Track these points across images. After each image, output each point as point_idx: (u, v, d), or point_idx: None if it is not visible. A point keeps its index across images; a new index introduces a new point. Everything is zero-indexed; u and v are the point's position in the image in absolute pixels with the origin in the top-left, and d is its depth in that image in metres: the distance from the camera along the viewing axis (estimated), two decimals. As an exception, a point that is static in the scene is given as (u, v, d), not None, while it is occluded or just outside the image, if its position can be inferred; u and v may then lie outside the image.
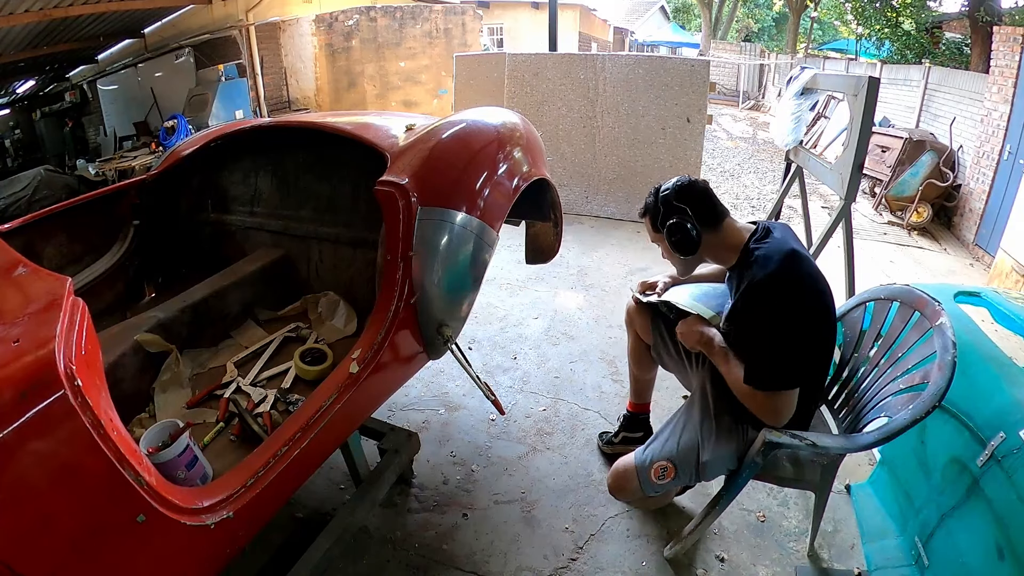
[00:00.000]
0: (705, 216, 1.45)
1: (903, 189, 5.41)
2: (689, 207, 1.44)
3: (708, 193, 1.47)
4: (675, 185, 1.48)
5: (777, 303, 1.33)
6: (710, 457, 1.46)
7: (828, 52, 16.91)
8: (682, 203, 1.45)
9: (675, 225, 1.44)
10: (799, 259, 1.35)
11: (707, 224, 1.45)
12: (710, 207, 1.46)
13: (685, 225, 1.43)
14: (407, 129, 1.74)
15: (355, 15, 8.86)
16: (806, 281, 1.35)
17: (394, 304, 1.41)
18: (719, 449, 1.46)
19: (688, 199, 1.45)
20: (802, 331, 1.34)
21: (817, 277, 1.37)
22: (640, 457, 1.55)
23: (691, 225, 1.43)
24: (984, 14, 7.45)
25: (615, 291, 3.44)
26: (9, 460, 0.79)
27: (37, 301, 1.05)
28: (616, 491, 1.63)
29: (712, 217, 1.46)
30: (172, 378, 1.56)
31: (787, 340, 1.33)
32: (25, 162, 8.70)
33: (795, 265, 1.34)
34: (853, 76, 2.62)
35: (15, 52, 6.71)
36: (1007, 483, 1.28)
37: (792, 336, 1.33)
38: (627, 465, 1.57)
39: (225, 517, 1.06)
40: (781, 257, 1.34)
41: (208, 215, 2.22)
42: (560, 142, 4.74)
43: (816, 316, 1.37)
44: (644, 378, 2.00)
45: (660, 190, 1.49)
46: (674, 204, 1.45)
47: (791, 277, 1.33)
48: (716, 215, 1.46)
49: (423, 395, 2.43)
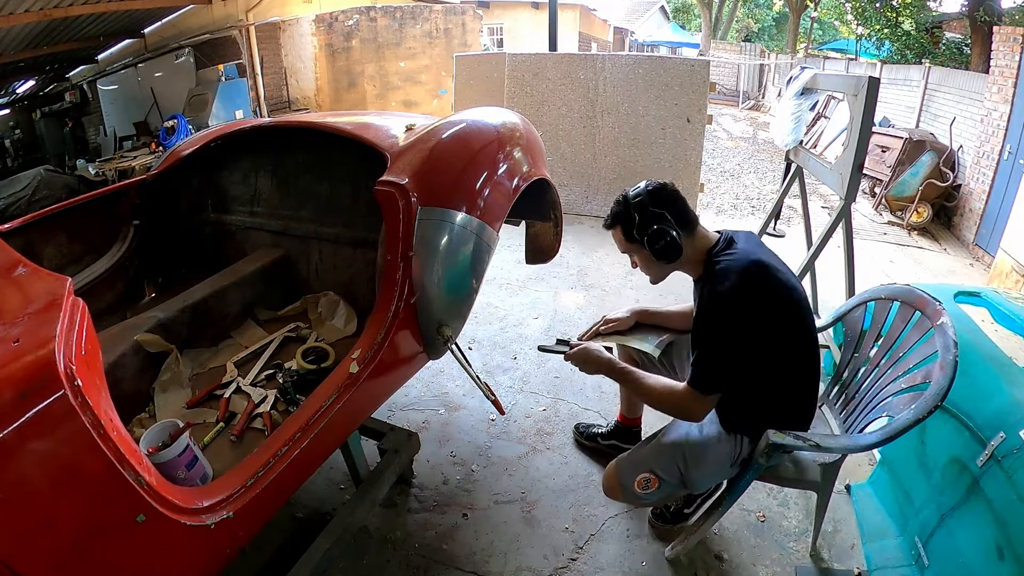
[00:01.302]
0: (681, 220, 1.41)
1: (903, 189, 5.41)
2: (667, 211, 1.40)
3: (681, 197, 1.44)
4: (647, 190, 1.42)
5: (729, 316, 1.30)
6: (698, 471, 1.45)
7: (828, 52, 16.90)
8: (659, 208, 1.40)
9: (658, 231, 1.38)
10: (760, 273, 1.32)
11: (684, 229, 1.41)
12: (685, 211, 1.42)
13: (668, 230, 1.38)
14: (407, 129, 1.74)
15: (355, 15, 8.86)
16: (764, 296, 1.31)
17: (394, 304, 1.41)
18: (708, 462, 1.45)
19: (664, 203, 1.41)
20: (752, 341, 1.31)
21: (780, 289, 1.33)
22: (622, 463, 1.55)
23: (673, 229, 1.39)
24: (984, 14, 7.45)
25: (615, 291, 3.44)
26: (9, 460, 0.79)
27: (37, 301, 1.06)
28: (608, 492, 1.62)
29: (687, 222, 1.42)
30: (172, 378, 1.56)
31: (730, 348, 1.31)
32: (25, 162, 8.69)
33: (754, 279, 1.31)
34: (853, 76, 2.62)
35: (15, 52, 6.71)
36: (1007, 483, 1.28)
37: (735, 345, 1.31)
38: (613, 470, 1.57)
39: (225, 517, 1.06)
40: (740, 270, 1.31)
41: (208, 215, 2.21)
42: (560, 142, 4.74)
43: (777, 327, 1.33)
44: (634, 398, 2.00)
45: (630, 197, 1.43)
46: (651, 210, 1.40)
47: (748, 291, 1.30)
48: (691, 220, 1.43)
49: (423, 395, 2.43)
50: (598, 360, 1.54)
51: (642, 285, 3.50)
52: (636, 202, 1.41)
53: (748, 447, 1.43)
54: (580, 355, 1.56)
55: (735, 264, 1.33)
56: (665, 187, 1.44)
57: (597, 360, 1.54)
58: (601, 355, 1.54)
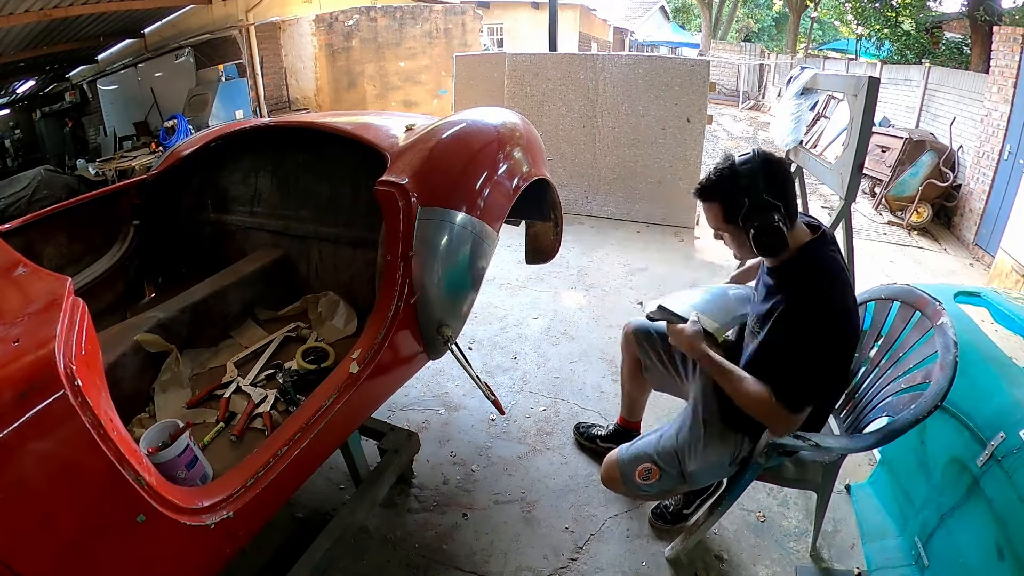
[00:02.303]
0: (791, 211, 1.26)
1: (903, 189, 5.41)
2: (782, 202, 1.23)
3: (794, 182, 1.29)
4: (764, 167, 1.24)
5: (833, 321, 1.24)
6: (697, 467, 1.45)
7: (828, 52, 16.90)
8: (775, 197, 1.23)
9: (769, 227, 1.22)
10: (848, 281, 1.29)
11: (791, 221, 1.27)
12: (794, 200, 1.27)
13: (779, 227, 1.22)
14: (407, 129, 1.74)
15: (355, 15, 8.86)
16: (854, 306, 1.29)
17: (394, 304, 1.41)
18: (708, 458, 1.44)
19: (783, 191, 1.24)
20: (841, 356, 1.29)
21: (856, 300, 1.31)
22: (624, 453, 1.54)
23: (785, 225, 1.23)
24: (984, 14, 7.45)
25: (615, 291, 3.44)
26: (9, 460, 0.79)
27: (37, 301, 1.05)
28: (606, 482, 1.61)
29: (794, 212, 1.28)
30: (172, 378, 1.56)
31: (827, 362, 1.27)
32: (25, 162, 8.69)
33: (849, 289, 1.28)
34: (853, 76, 2.62)
35: (15, 52, 6.71)
36: (1007, 483, 1.28)
37: (836, 357, 1.28)
38: (613, 458, 1.57)
39: (225, 517, 1.05)
40: (839, 277, 1.26)
41: (208, 215, 2.21)
42: (560, 142, 4.74)
43: (853, 341, 1.31)
44: (639, 398, 1.99)
45: (740, 174, 1.24)
46: (765, 198, 1.23)
47: (847, 302, 1.26)
48: (795, 209, 1.29)
49: (423, 395, 2.43)
50: (692, 347, 1.37)
51: (642, 285, 3.50)
52: (750, 184, 1.23)
53: (748, 446, 1.43)
54: (680, 333, 1.39)
55: (836, 265, 1.27)
56: (781, 168, 1.26)
57: (692, 347, 1.37)
58: (698, 343, 1.37)
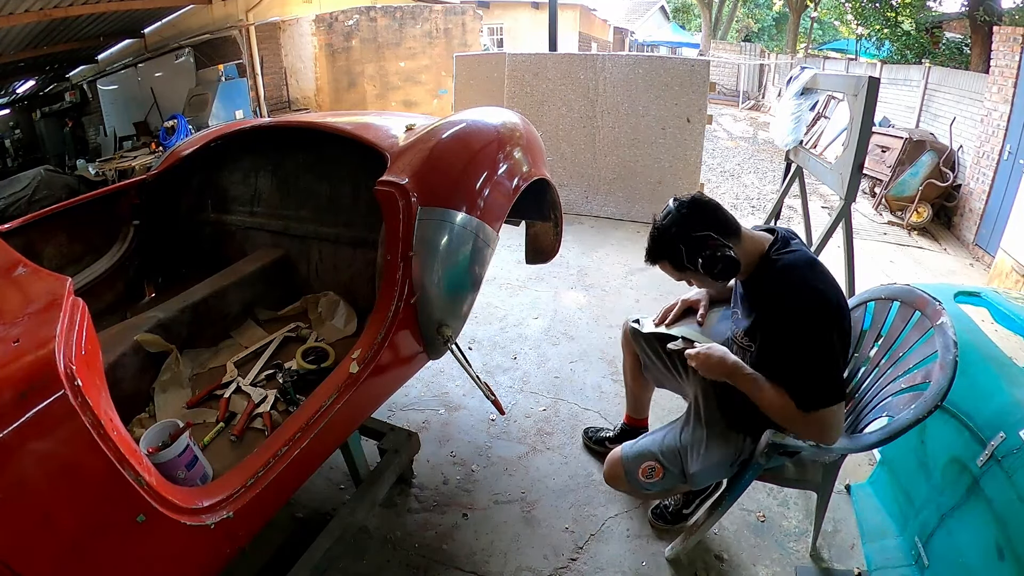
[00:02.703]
0: (726, 231, 1.33)
1: (903, 189, 5.41)
2: (712, 230, 1.31)
3: (715, 205, 1.35)
4: (682, 213, 1.33)
5: (816, 318, 1.25)
6: (699, 467, 1.44)
7: (828, 52, 16.91)
8: (703, 230, 1.31)
9: (712, 257, 1.29)
10: (823, 269, 1.31)
11: (732, 239, 1.33)
12: (726, 220, 1.34)
13: (722, 251, 1.29)
14: (407, 129, 1.74)
15: (355, 15, 8.86)
16: (833, 291, 1.30)
17: (394, 304, 1.41)
18: (710, 459, 1.44)
19: (706, 222, 1.31)
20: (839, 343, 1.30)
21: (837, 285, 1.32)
22: (628, 450, 1.54)
23: (726, 246, 1.29)
24: (984, 14, 7.46)
25: (615, 291, 3.44)
26: (9, 460, 0.79)
27: (37, 301, 1.05)
28: (610, 480, 1.60)
29: (732, 230, 1.34)
30: (172, 378, 1.56)
31: (829, 354, 1.28)
32: (25, 162, 8.71)
33: (823, 276, 1.29)
34: (853, 76, 2.62)
35: (15, 52, 6.72)
36: (1007, 483, 1.28)
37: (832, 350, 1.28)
38: (617, 456, 1.57)
39: (225, 517, 1.06)
40: (809, 269, 1.28)
41: (208, 215, 2.21)
42: (560, 142, 4.74)
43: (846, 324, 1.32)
44: (642, 396, 1.99)
45: (666, 228, 1.33)
46: (696, 236, 1.30)
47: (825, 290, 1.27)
48: (734, 226, 1.35)
49: (423, 395, 2.43)
50: (723, 364, 1.36)
51: (642, 285, 3.50)
52: (676, 232, 1.32)
53: (751, 447, 1.43)
54: (705, 359, 1.38)
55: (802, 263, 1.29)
56: (696, 204, 1.34)
57: (723, 365, 1.36)
58: (727, 358, 1.36)
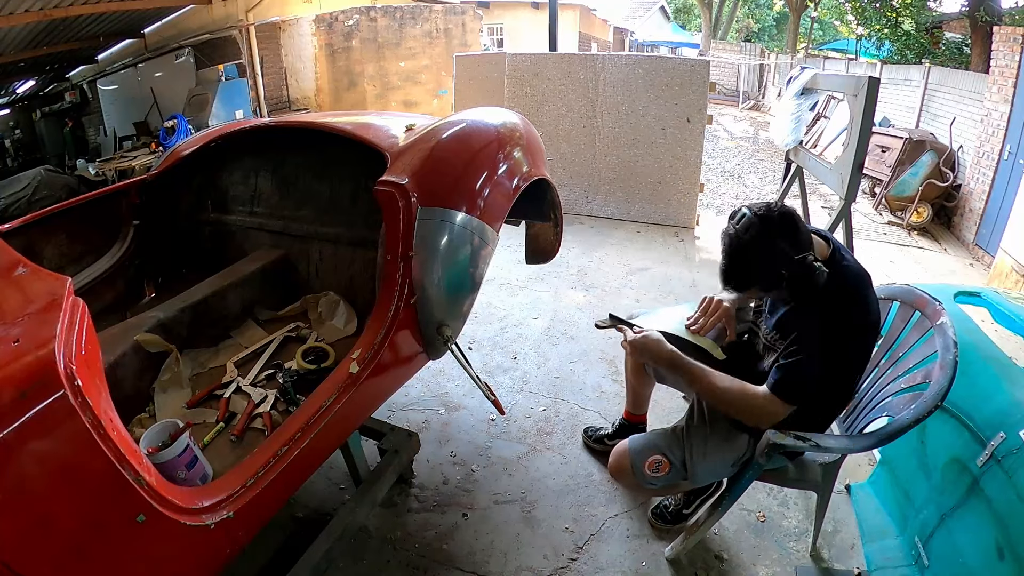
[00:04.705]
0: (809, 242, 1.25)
1: (903, 189, 5.41)
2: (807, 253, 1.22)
3: (796, 217, 1.26)
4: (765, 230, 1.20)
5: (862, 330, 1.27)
6: (701, 466, 1.45)
7: (828, 52, 16.90)
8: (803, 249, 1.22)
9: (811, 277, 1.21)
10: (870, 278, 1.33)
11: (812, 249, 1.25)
12: (804, 233, 1.25)
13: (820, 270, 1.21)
14: (407, 129, 1.74)
15: (355, 15, 8.86)
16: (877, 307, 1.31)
17: (394, 304, 1.41)
18: (712, 458, 1.45)
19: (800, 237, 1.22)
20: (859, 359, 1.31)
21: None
22: (635, 443, 1.55)
23: (818, 261, 1.22)
24: (984, 14, 7.46)
25: (615, 291, 3.44)
26: (9, 460, 0.79)
27: (37, 301, 1.05)
28: (614, 472, 1.60)
29: (808, 243, 1.26)
30: (172, 378, 1.56)
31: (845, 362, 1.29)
32: (25, 162, 8.71)
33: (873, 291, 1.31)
34: (853, 76, 2.62)
35: (15, 52, 6.72)
36: (1007, 483, 1.28)
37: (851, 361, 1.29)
38: (624, 448, 1.56)
39: (225, 517, 1.05)
40: (870, 281, 1.30)
41: (208, 215, 2.21)
42: (560, 142, 4.74)
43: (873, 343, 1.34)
44: (642, 392, 1.99)
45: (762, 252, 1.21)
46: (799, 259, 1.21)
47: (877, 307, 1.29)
48: (809, 240, 1.26)
49: (423, 395, 2.43)
50: (659, 352, 1.41)
51: (642, 285, 3.50)
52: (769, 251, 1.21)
53: (753, 446, 1.43)
54: (640, 344, 1.44)
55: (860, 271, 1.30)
56: (782, 216, 1.23)
57: (658, 352, 1.41)
58: (663, 347, 1.41)
